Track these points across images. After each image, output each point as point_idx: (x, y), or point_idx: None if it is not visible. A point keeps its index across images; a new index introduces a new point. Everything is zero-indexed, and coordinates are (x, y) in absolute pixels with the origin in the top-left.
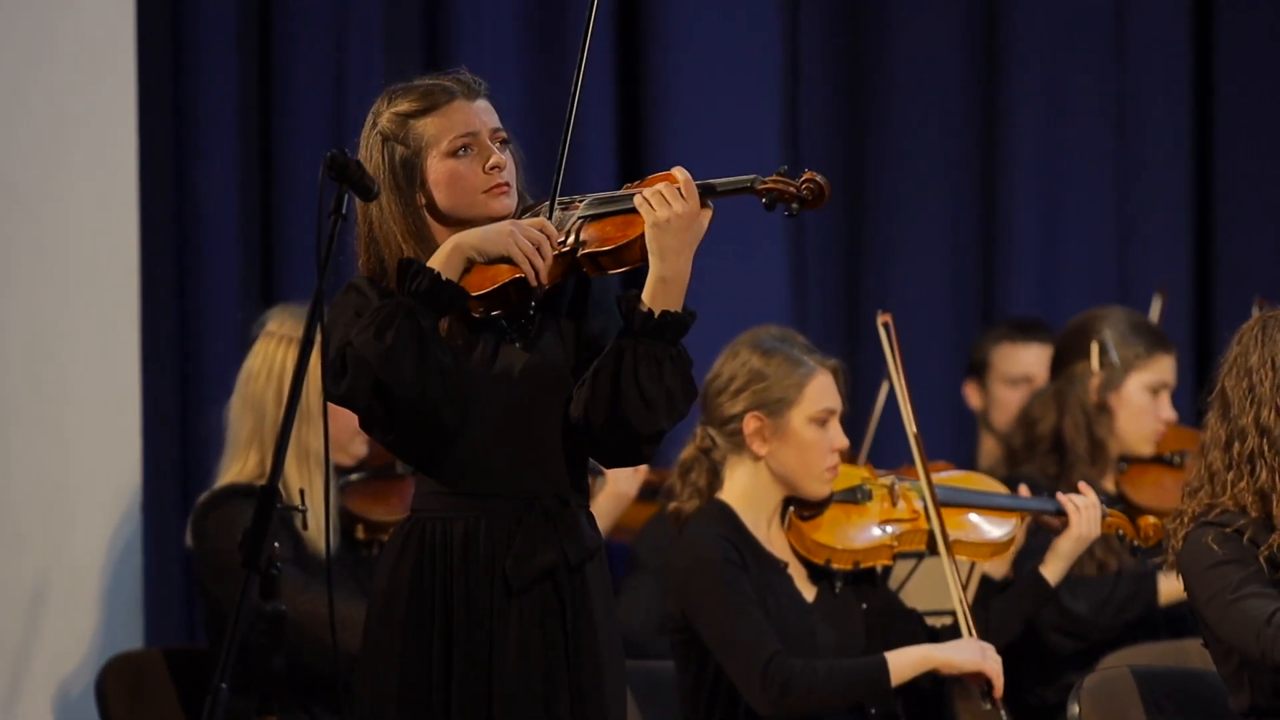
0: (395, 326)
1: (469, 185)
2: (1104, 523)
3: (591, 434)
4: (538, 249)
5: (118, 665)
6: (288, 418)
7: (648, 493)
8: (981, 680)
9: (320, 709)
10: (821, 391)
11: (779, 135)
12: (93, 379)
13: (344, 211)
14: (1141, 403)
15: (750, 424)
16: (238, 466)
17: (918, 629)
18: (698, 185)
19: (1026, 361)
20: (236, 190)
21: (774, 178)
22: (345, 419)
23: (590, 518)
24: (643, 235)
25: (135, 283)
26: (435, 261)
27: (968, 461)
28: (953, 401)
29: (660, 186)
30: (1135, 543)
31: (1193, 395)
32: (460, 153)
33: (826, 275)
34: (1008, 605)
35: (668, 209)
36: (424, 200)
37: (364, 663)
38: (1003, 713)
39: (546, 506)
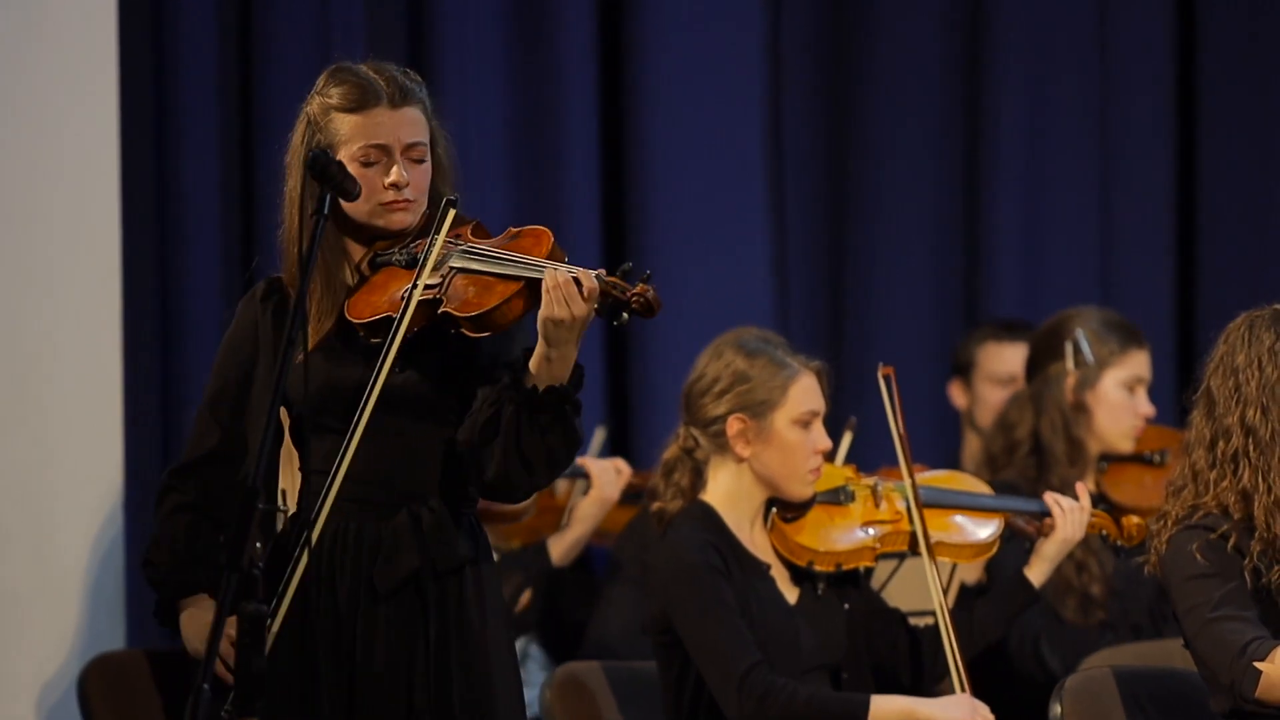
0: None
1: (368, 194)
2: (1089, 524)
3: (476, 476)
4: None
5: (99, 665)
6: (269, 419)
7: (630, 496)
8: None
9: None
10: (805, 393)
11: (761, 134)
12: (74, 378)
13: (326, 212)
14: (1119, 399)
15: (733, 426)
16: None
17: (900, 630)
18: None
19: (1013, 361)
20: (218, 189)
21: (613, 279)
22: None
23: (472, 525)
24: (501, 305)
25: (117, 282)
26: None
27: (951, 462)
28: (935, 401)
29: (564, 282)
30: (1119, 543)
31: (1175, 395)
32: (369, 163)
33: (808, 274)
34: (991, 608)
35: (566, 310)
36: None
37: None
38: None
39: (415, 512)
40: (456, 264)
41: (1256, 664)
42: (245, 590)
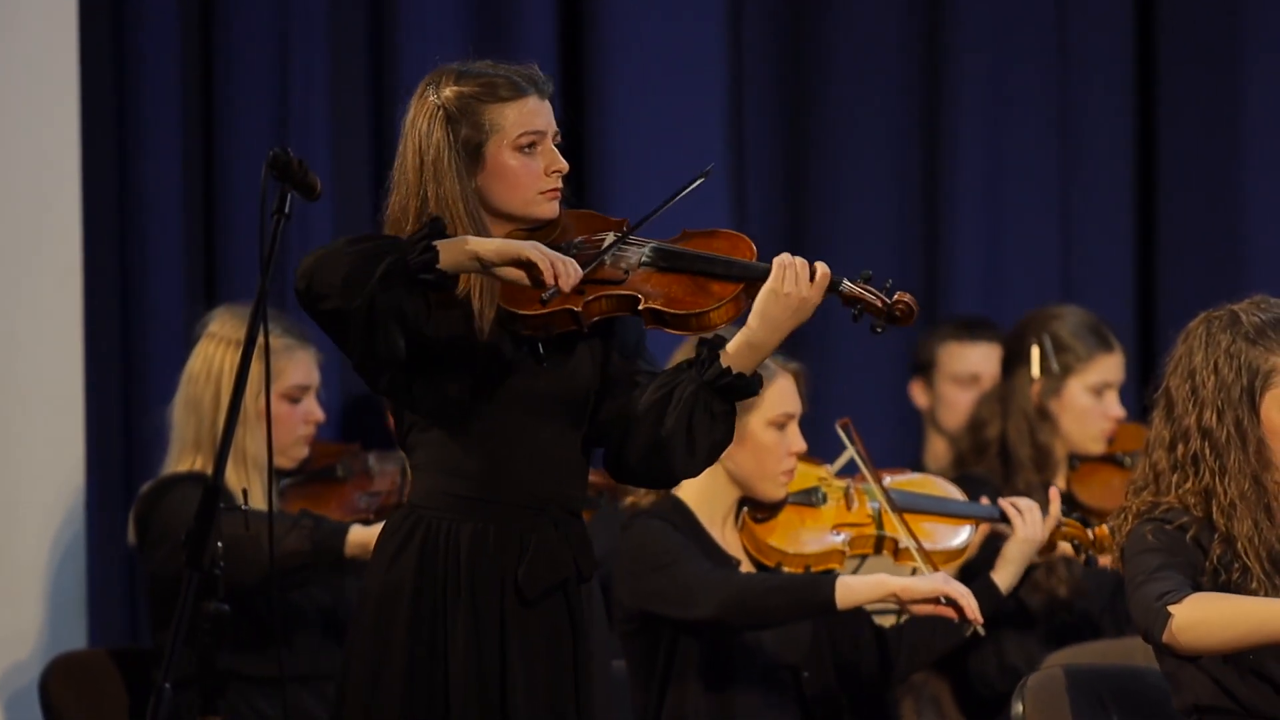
0: (371, 250)
1: (526, 183)
2: (1059, 531)
3: (622, 459)
4: (566, 267)
5: (62, 665)
6: (229, 420)
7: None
8: (948, 609)
9: (265, 705)
10: (781, 395)
11: (722, 130)
12: (36, 378)
13: (287, 211)
14: (1084, 405)
15: None
16: (185, 466)
17: (864, 629)
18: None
19: (974, 360)
20: (179, 190)
21: (864, 285)
22: (286, 423)
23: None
24: (720, 305)
25: (78, 283)
26: (448, 246)
27: (914, 461)
28: (897, 400)
29: (801, 264)
30: (1090, 552)
31: (1137, 394)
32: (526, 149)
33: None
34: None
35: (796, 287)
36: (476, 184)
37: (361, 658)
38: (979, 629)
39: (555, 518)
40: (650, 261)
41: (1169, 608)
42: (206, 590)
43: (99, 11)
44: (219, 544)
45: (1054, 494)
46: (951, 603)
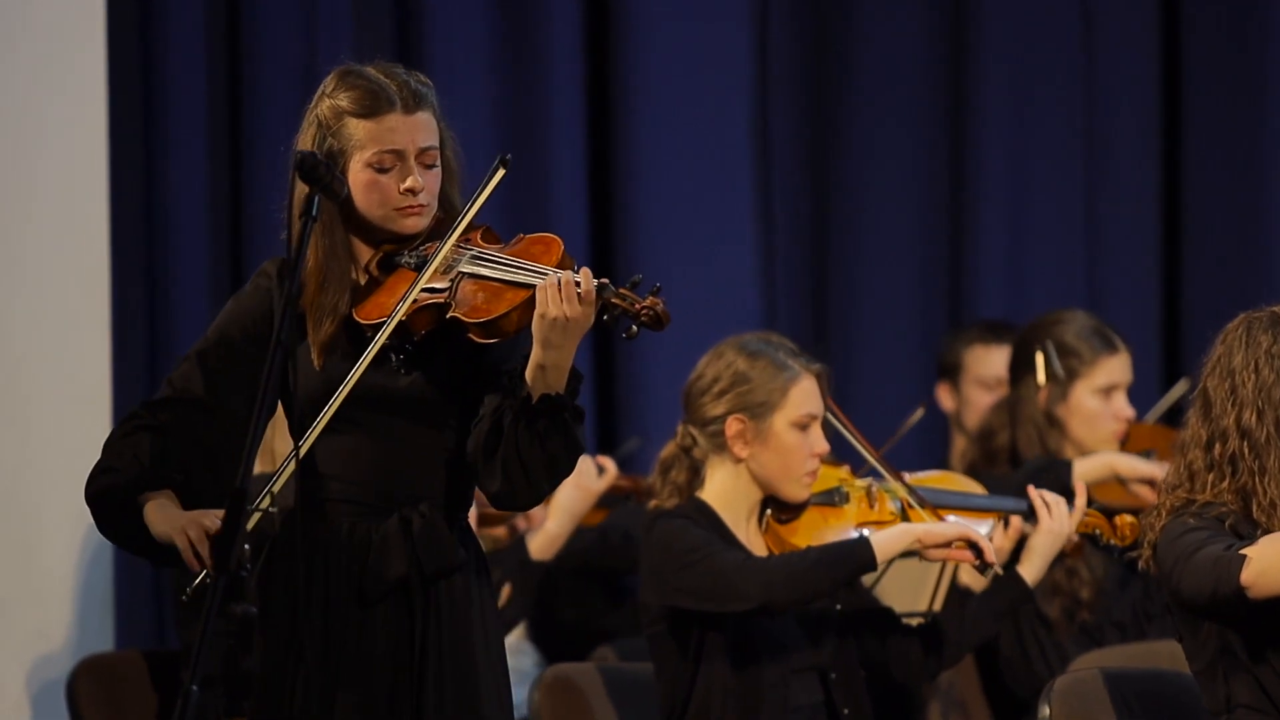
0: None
1: (383, 200)
2: (1082, 523)
3: (485, 488)
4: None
5: (89, 666)
6: (257, 422)
7: (613, 499)
8: (969, 553)
9: None
10: (805, 396)
11: (748, 135)
12: (62, 378)
13: (315, 213)
14: (1092, 408)
15: (732, 426)
16: None
17: (891, 628)
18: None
19: (999, 364)
20: (206, 189)
21: (623, 290)
22: None
23: (464, 530)
24: (510, 312)
25: (105, 283)
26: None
27: (940, 464)
28: (922, 403)
29: (564, 282)
30: (1111, 542)
31: (1160, 395)
32: (382, 168)
33: (795, 274)
34: (983, 603)
35: (561, 309)
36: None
37: None
38: (999, 569)
39: (405, 517)
40: (466, 269)
41: (1242, 551)
42: (233, 591)
43: (126, 16)
44: (245, 546)
45: (1079, 487)
46: (972, 546)
